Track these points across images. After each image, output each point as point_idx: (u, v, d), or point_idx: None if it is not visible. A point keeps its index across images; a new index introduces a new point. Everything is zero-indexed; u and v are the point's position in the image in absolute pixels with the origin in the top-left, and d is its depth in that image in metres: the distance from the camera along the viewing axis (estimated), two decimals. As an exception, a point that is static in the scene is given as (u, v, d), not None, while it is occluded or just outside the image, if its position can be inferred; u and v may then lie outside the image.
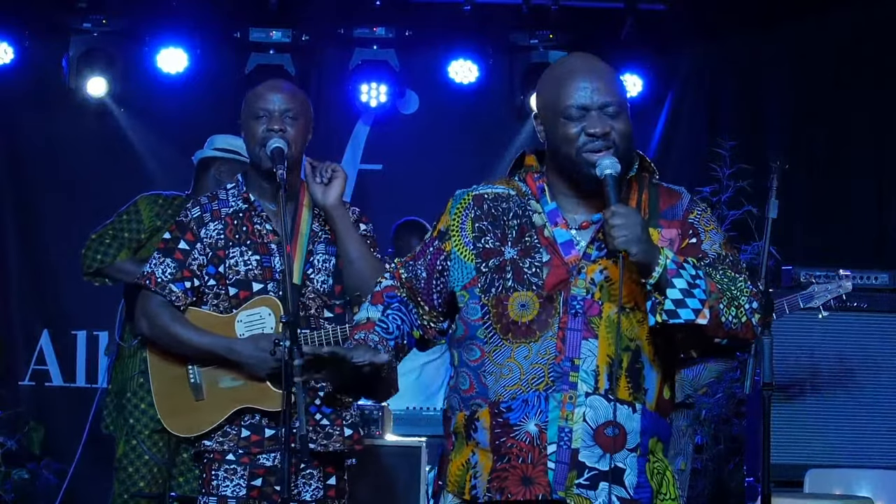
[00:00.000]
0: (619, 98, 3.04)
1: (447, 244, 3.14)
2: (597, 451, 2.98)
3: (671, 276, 2.90)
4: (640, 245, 2.88)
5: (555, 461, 2.97)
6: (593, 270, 3.03)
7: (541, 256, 3.05)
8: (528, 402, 2.99)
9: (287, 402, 3.61)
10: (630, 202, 3.08)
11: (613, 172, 2.96)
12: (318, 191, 4.03)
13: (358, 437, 4.15)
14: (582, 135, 3.00)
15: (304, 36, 7.55)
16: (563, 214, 3.08)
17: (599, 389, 2.98)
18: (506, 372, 3.01)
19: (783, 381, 5.81)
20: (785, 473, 5.71)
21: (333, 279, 4.11)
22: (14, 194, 7.69)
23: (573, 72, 3.05)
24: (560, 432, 2.97)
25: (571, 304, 3.00)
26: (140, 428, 5.44)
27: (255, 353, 4.00)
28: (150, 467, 5.45)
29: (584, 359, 2.99)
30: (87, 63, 7.42)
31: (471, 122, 7.89)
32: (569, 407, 2.98)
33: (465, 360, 3.09)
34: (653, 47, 7.61)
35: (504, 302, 3.03)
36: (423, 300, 3.16)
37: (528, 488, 2.98)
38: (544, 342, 2.99)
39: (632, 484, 3.01)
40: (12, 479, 6.99)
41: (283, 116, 4.02)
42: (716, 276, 2.99)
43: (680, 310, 2.90)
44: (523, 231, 3.08)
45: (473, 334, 3.07)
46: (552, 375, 2.98)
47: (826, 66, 7.57)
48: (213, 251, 4.08)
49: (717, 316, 2.93)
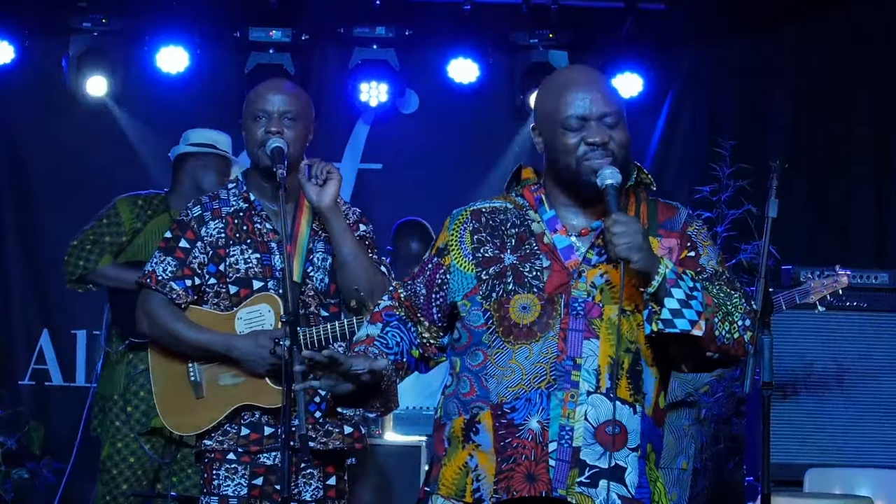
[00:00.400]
0: (617, 108, 3.08)
1: (446, 259, 3.15)
2: (598, 449, 2.99)
3: (669, 286, 2.94)
4: (640, 253, 2.92)
5: (556, 459, 2.98)
6: (594, 274, 3.05)
7: (541, 262, 3.07)
8: (531, 401, 3.00)
9: (287, 399, 3.61)
10: (629, 212, 3.10)
11: (615, 182, 3.00)
12: (313, 192, 4.02)
13: (359, 435, 4.15)
14: (581, 144, 3.04)
15: (303, 35, 7.55)
16: (562, 222, 3.11)
17: (601, 388, 3.00)
18: (508, 374, 3.03)
19: (783, 380, 5.82)
20: (785, 473, 5.72)
21: (330, 278, 4.11)
22: (14, 194, 7.69)
23: (571, 83, 3.10)
24: (561, 430, 2.98)
25: (573, 306, 3.03)
26: (126, 431, 5.46)
27: (253, 350, 4.00)
28: (133, 469, 5.48)
29: (585, 358, 3.01)
30: (87, 63, 7.41)
31: (471, 121, 7.88)
32: (570, 405, 2.99)
33: (468, 365, 3.10)
34: (653, 47, 7.60)
35: (505, 305, 3.05)
36: (423, 315, 3.17)
37: (531, 485, 2.99)
38: (546, 342, 3.01)
39: (633, 483, 3.02)
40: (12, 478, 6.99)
41: (282, 118, 4.02)
42: (712, 290, 3.03)
43: (676, 320, 2.94)
44: (522, 239, 3.11)
45: (478, 340, 3.08)
46: (554, 374, 3.00)
47: (826, 66, 7.57)
48: (214, 250, 4.09)
49: (712, 329, 2.97)
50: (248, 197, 4.13)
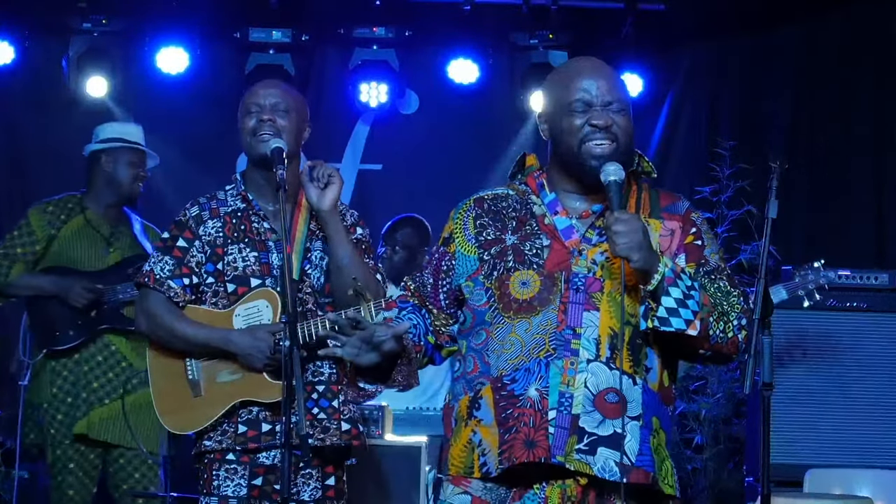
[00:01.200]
0: (623, 98, 3.15)
1: (451, 246, 3.22)
2: (597, 416, 3.02)
3: (667, 285, 2.99)
4: (640, 252, 2.96)
5: (555, 426, 3.00)
6: (594, 252, 3.10)
7: (541, 241, 3.13)
8: (530, 370, 3.04)
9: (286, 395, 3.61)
10: (630, 199, 3.15)
11: (618, 179, 3.04)
12: (314, 194, 4.04)
13: (356, 432, 4.15)
14: (585, 126, 3.10)
15: (304, 36, 7.55)
16: (563, 204, 3.17)
17: (601, 357, 3.03)
18: (507, 347, 3.08)
19: (783, 380, 5.81)
20: (785, 473, 5.71)
21: (326, 277, 4.13)
22: (14, 194, 7.68)
23: (580, 71, 3.18)
24: (561, 398, 3.01)
25: (573, 282, 3.08)
26: (60, 438, 5.49)
27: (251, 344, 4.01)
28: (75, 474, 5.53)
29: (585, 328, 3.05)
30: (87, 63, 7.41)
31: (471, 122, 7.88)
32: (570, 373, 3.02)
33: (472, 344, 3.15)
34: (653, 47, 7.60)
35: (506, 282, 3.10)
36: (432, 304, 3.23)
37: (530, 451, 3.01)
38: (545, 315, 3.06)
39: (633, 450, 3.03)
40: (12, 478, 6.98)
41: (274, 110, 4.07)
42: (710, 289, 3.09)
43: (672, 318, 2.99)
44: (523, 221, 3.17)
45: (482, 319, 3.13)
46: (553, 343, 3.04)
47: (826, 66, 7.57)
48: (212, 248, 4.10)
49: (706, 329, 3.03)
50: (246, 196, 4.15)
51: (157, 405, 4.17)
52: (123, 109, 7.58)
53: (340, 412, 4.12)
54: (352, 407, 4.16)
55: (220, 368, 4.08)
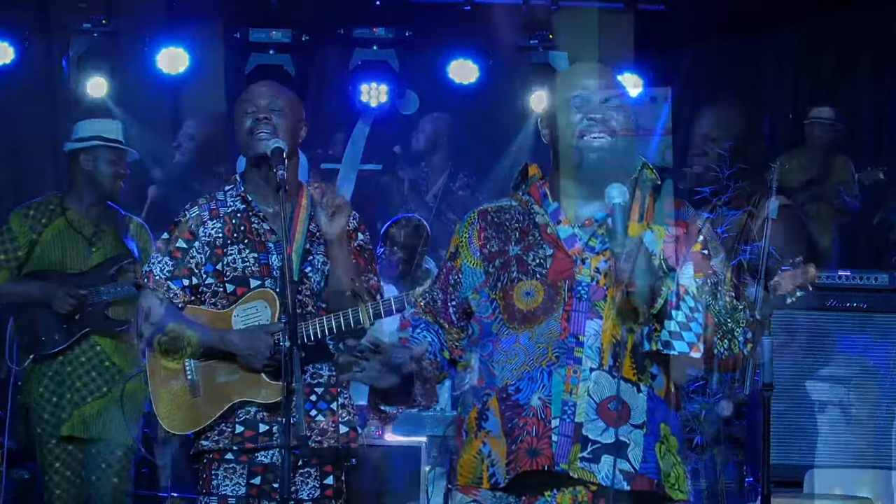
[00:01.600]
0: (622, 96, 3.18)
1: (458, 260, 3.25)
2: (600, 424, 3.03)
3: (670, 308, 3.01)
4: (643, 279, 2.97)
5: (558, 434, 3.02)
6: (597, 260, 3.11)
7: (544, 251, 3.14)
8: (533, 379, 3.06)
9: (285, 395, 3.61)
10: (634, 205, 3.15)
11: (622, 202, 3.04)
12: (323, 220, 4.04)
13: (354, 434, 4.15)
14: (583, 120, 3.12)
15: (304, 36, 7.56)
16: (565, 213, 3.18)
17: (604, 366, 3.05)
18: (511, 357, 3.09)
19: (783, 381, 5.81)
20: (785, 473, 5.71)
21: (325, 282, 4.13)
22: (14, 194, 7.68)
23: (581, 72, 3.24)
24: (564, 406, 3.03)
25: (577, 290, 3.09)
26: (47, 438, 5.50)
27: (250, 344, 4.01)
28: (61, 474, 5.52)
29: (588, 336, 3.06)
30: (87, 63, 7.42)
31: (471, 122, 7.88)
32: (573, 381, 3.04)
33: (480, 356, 3.16)
34: (653, 47, 7.60)
35: (510, 292, 3.12)
36: (443, 319, 3.26)
37: (534, 459, 3.03)
38: (549, 324, 3.07)
39: (636, 458, 3.04)
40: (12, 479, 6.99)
41: (270, 109, 4.08)
42: (715, 307, 3.10)
43: (675, 342, 3.02)
44: (526, 231, 3.18)
45: (488, 331, 3.15)
46: (556, 352, 3.05)
47: (826, 66, 7.56)
48: (212, 249, 4.10)
49: (711, 348, 3.06)
50: (246, 198, 4.15)
51: (156, 405, 4.16)
52: (123, 109, 7.59)
53: (338, 415, 4.12)
54: (350, 409, 4.16)
55: (218, 369, 4.08)
